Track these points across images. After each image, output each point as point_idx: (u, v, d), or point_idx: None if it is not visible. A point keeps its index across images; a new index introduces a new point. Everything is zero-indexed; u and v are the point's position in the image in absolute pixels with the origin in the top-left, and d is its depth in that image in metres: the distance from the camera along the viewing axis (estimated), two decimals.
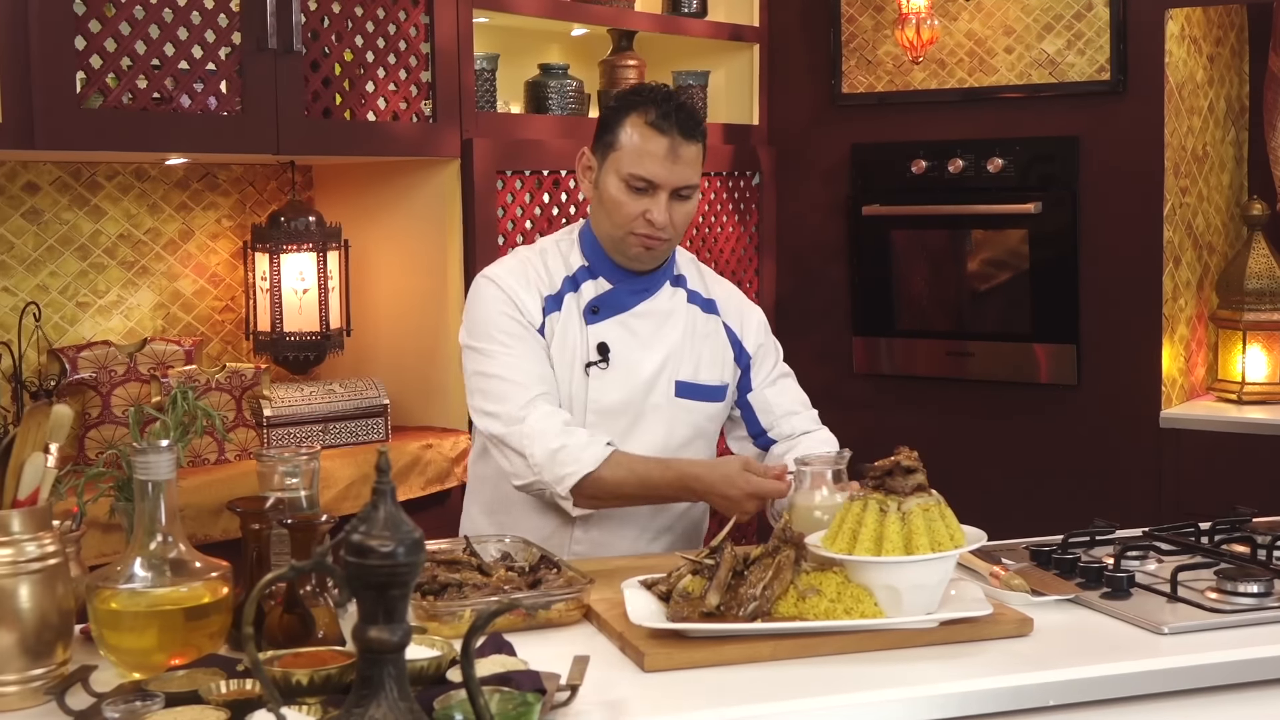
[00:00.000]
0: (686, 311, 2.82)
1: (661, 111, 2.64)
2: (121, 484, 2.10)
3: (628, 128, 2.66)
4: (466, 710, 1.54)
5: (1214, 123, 4.49)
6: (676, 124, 2.64)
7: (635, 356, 2.74)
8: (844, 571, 2.10)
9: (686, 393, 2.78)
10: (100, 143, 3.10)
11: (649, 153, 2.64)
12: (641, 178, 2.64)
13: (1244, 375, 4.35)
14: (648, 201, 2.65)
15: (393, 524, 1.37)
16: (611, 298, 2.76)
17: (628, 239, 2.69)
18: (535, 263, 2.78)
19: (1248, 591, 2.22)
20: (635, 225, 2.66)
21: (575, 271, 2.77)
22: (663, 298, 2.80)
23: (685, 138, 2.65)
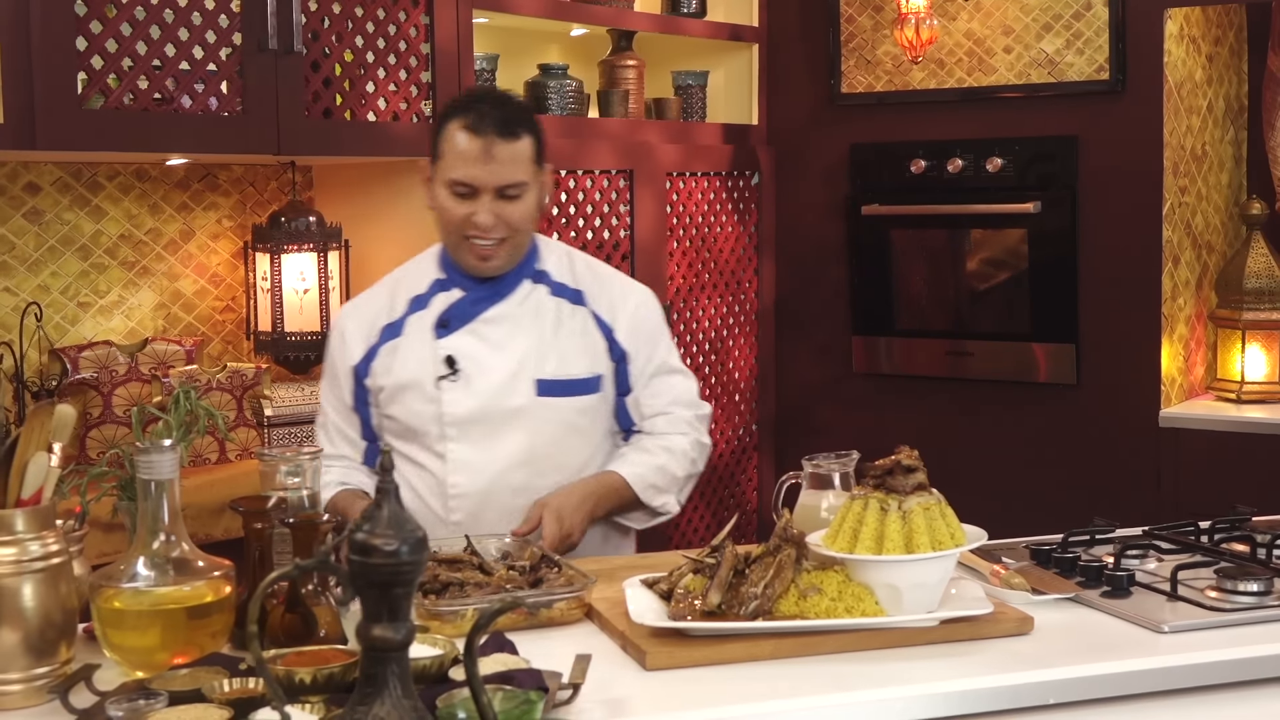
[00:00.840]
0: (550, 306, 2.77)
1: (478, 114, 2.62)
2: (124, 483, 2.10)
3: (447, 134, 2.65)
4: (470, 708, 1.54)
5: (1213, 122, 4.49)
6: (491, 124, 2.61)
7: (487, 363, 2.71)
8: (845, 570, 2.11)
9: (550, 390, 2.73)
10: (101, 143, 3.10)
11: (464, 156, 2.62)
12: (461, 182, 2.63)
13: (1243, 374, 4.35)
14: (472, 205, 2.63)
15: (396, 523, 1.37)
16: (459, 308, 2.74)
17: (461, 245, 2.68)
18: (381, 294, 2.81)
19: (1247, 590, 2.22)
20: (464, 229, 2.65)
21: (428, 288, 2.76)
22: (516, 299, 2.75)
23: (501, 137, 2.61)
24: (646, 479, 2.73)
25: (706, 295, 4.58)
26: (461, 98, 2.74)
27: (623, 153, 4.23)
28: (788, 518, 2.20)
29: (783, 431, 4.86)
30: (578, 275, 2.82)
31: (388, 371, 2.73)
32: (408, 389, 2.72)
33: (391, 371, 2.72)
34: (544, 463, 2.73)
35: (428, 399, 2.70)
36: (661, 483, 2.75)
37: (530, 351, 2.72)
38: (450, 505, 2.71)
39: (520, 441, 2.71)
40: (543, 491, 2.69)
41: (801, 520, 2.36)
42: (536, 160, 2.68)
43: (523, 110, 2.71)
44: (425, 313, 2.75)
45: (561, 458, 2.75)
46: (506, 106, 2.67)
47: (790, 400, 4.86)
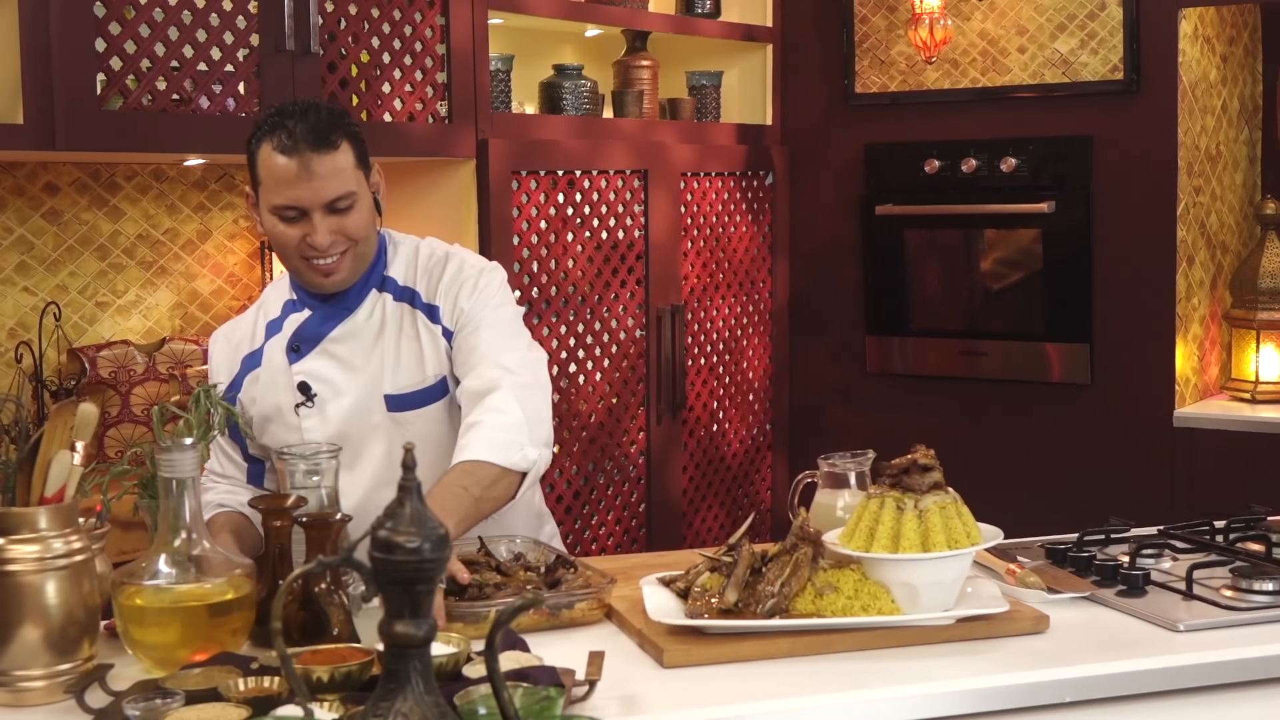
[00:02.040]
0: (393, 314, 2.61)
1: (285, 131, 2.43)
2: (145, 482, 2.12)
3: (261, 158, 2.47)
4: (490, 705, 1.55)
5: (1227, 122, 4.49)
6: (302, 140, 2.42)
7: (338, 386, 2.58)
8: (861, 569, 2.12)
9: (400, 405, 2.58)
10: (120, 144, 3.12)
11: (283, 179, 2.43)
12: (286, 206, 2.46)
13: (1257, 374, 4.35)
14: (304, 226, 2.46)
15: (419, 520, 1.38)
16: (307, 329, 2.60)
17: (302, 267, 2.52)
18: (247, 321, 2.68)
19: (1263, 589, 2.22)
20: (302, 251, 2.49)
21: (280, 311, 2.64)
22: (363, 313, 2.60)
23: (317, 150, 2.42)
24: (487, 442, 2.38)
25: (721, 295, 4.59)
26: (267, 117, 2.51)
27: (637, 153, 4.24)
28: (804, 516, 2.21)
29: (797, 431, 4.87)
30: (418, 274, 2.65)
31: (252, 402, 2.61)
32: (271, 420, 2.60)
33: (256, 402, 2.60)
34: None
35: (290, 428, 2.58)
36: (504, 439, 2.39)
37: (380, 367, 2.59)
38: None
39: (380, 460, 2.59)
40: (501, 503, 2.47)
41: (817, 519, 2.37)
42: (360, 164, 2.51)
43: (333, 117, 2.49)
44: (280, 337, 2.61)
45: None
46: (314, 117, 2.46)
47: (804, 400, 4.87)
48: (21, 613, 1.85)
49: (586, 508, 4.17)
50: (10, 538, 1.85)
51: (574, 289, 4.08)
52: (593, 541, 4.19)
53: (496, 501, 2.38)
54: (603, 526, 4.22)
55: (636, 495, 4.32)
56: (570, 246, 4.06)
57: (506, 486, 2.38)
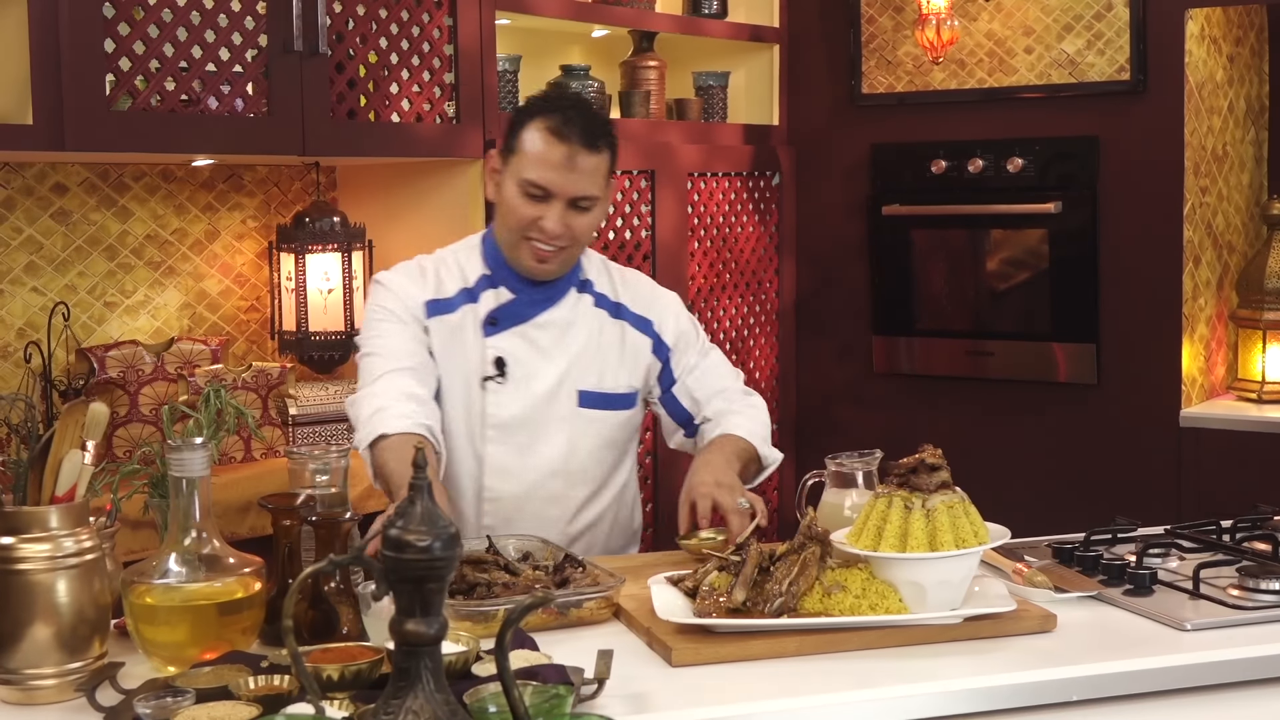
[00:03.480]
0: (593, 317, 2.75)
1: (564, 119, 2.58)
2: (156, 481, 2.13)
3: (529, 133, 2.60)
4: (500, 703, 1.56)
5: (1234, 122, 4.49)
6: (578, 132, 2.57)
7: (534, 369, 2.68)
8: (869, 568, 2.12)
9: (591, 402, 2.72)
10: (129, 144, 3.13)
11: (546, 160, 2.57)
12: (537, 184, 2.58)
13: (1264, 374, 4.36)
14: (542, 208, 2.59)
15: (429, 519, 1.39)
16: (512, 308, 2.69)
17: (520, 245, 2.63)
18: (429, 268, 2.74)
19: (1270, 589, 2.23)
20: (528, 231, 2.60)
21: (474, 283, 2.71)
22: (566, 306, 2.73)
23: (586, 147, 2.58)
24: (757, 433, 2.74)
25: (727, 295, 4.60)
26: (546, 99, 2.68)
27: (644, 153, 4.25)
28: (812, 515, 2.21)
29: (803, 431, 4.87)
30: (616, 287, 2.80)
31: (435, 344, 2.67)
32: (451, 386, 2.67)
33: (442, 351, 2.67)
34: (577, 474, 2.73)
35: (471, 398, 2.67)
36: (764, 434, 2.77)
37: (576, 361, 2.71)
38: (484, 509, 2.69)
39: (559, 450, 2.70)
40: (573, 502, 2.71)
41: (825, 518, 2.38)
42: (609, 174, 2.66)
43: (605, 123, 2.66)
44: (474, 306, 2.69)
45: (594, 470, 2.75)
46: (591, 116, 2.62)
47: (811, 400, 4.87)
48: (33, 611, 1.86)
49: None
50: (21, 536, 1.86)
51: None
52: None
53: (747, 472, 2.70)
54: None
55: (643, 494, 4.32)
56: None
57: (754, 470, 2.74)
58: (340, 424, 3.65)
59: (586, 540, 2.77)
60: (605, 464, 2.77)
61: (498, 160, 2.68)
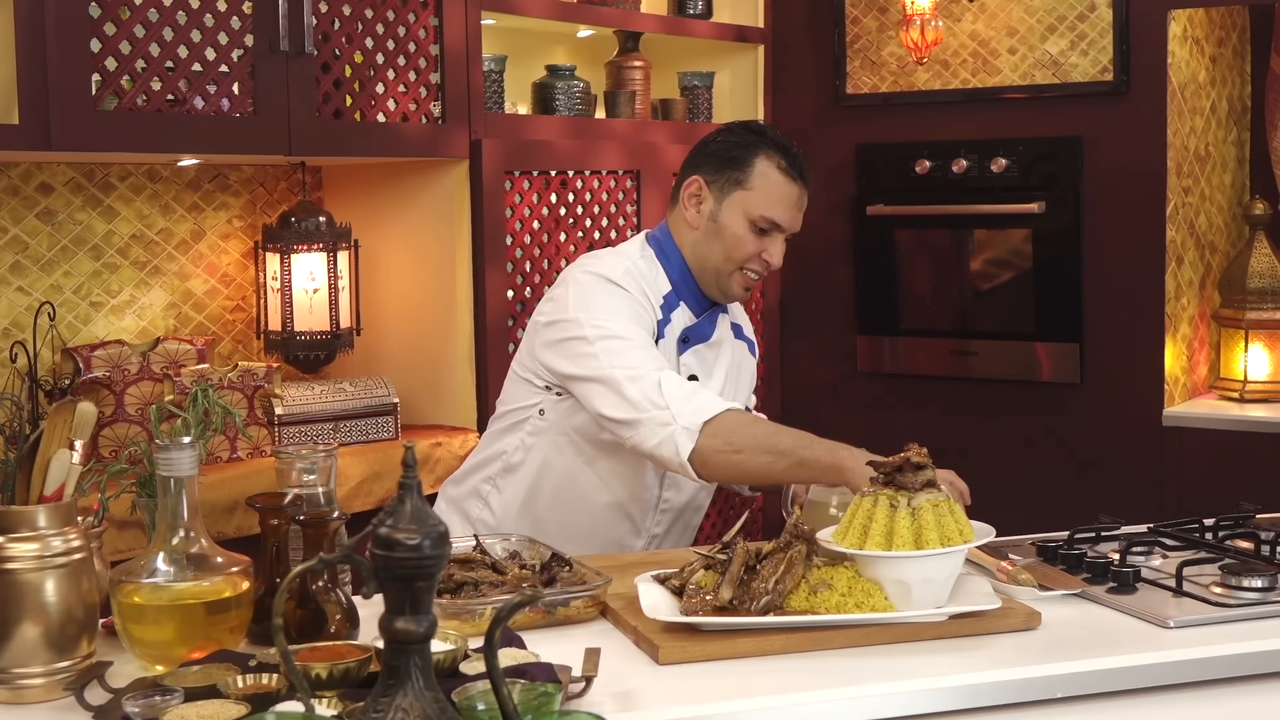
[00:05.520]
0: (730, 337, 2.91)
1: (791, 160, 2.76)
2: (143, 480, 2.13)
3: (760, 169, 2.74)
4: (489, 701, 1.57)
5: (1216, 123, 4.52)
6: (801, 173, 2.77)
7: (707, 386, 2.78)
8: (855, 566, 2.13)
9: None
10: (115, 144, 3.12)
11: (781, 199, 2.74)
12: (772, 221, 2.73)
13: (1246, 374, 4.38)
14: (767, 242, 2.74)
15: (419, 517, 1.40)
16: (699, 329, 2.83)
17: (735, 275, 2.76)
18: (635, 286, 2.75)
19: (1252, 586, 2.24)
20: (750, 264, 2.74)
21: (664, 299, 2.79)
22: (721, 326, 2.89)
23: (806, 187, 2.80)
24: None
25: None
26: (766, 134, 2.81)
27: (629, 153, 4.25)
28: (798, 514, 2.23)
29: None
30: (733, 309, 2.95)
31: None
32: None
33: None
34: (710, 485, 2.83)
35: None
36: None
37: (721, 378, 2.85)
38: (656, 518, 2.81)
39: None
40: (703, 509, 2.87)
41: (811, 517, 2.39)
42: None
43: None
44: (671, 326, 2.80)
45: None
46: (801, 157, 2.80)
47: (795, 399, 4.88)
48: (21, 611, 1.86)
49: None
50: (9, 536, 1.87)
51: None
52: None
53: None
54: None
55: None
56: (563, 246, 4.07)
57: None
58: (326, 423, 3.66)
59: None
60: None
61: (705, 189, 2.78)
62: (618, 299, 2.70)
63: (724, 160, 2.76)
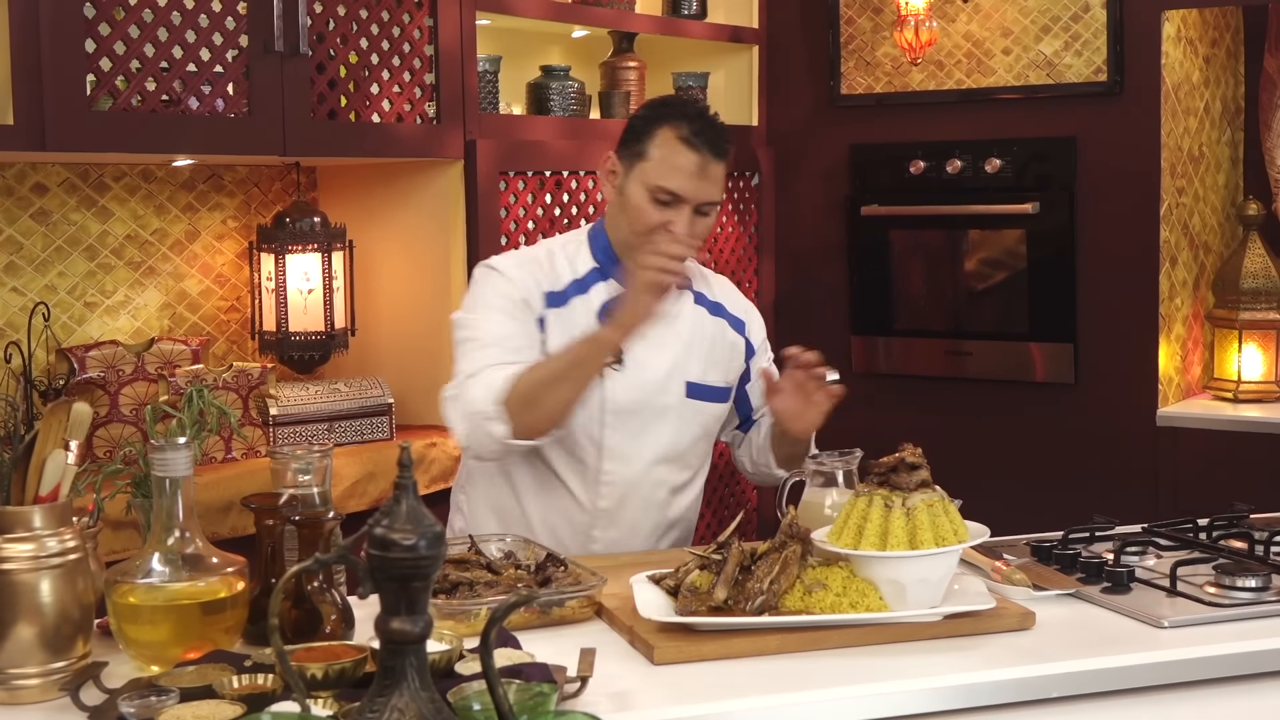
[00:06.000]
0: (694, 313, 2.85)
1: (695, 128, 2.66)
2: (139, 480, 2.13)
3: (659, 139, 2.67)
4: (484, 701, 1.57)
5: (1210, 123, 4.52)
6: (707, 140, 2.66)
7: (647, 358, 2.75)
8: (849, 566, 2.14)
9: (696, 393, 2.80)
10: (110, 144, 3.12)
11: (678, 167, 2.65)
12: (668, 191, 2.66)
13: (1240, 374, 4.38)
14: (671, 214, 2.67)
15: (415, 518, 1.40)
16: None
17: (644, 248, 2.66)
18: (541, 259, 2.81)
19: (1246, 586, 2.25)
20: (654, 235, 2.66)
21: (584, 275, 2.78)
22: (670, 300, 2.77)
23: (715, 156, 2.68)
24: None
25: None
26: (672, 102, 2.77)
27: None
28: (793, 514, 2.23)
29: None
30: (712, 287, 2.91)
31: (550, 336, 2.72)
32: None
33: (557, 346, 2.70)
34: (680, 460, 2.82)
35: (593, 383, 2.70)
36: None
37: (682, 353, 2.79)
38: (601, 492, 2.76)
39: (668, 437, 2.78)
40: (676, 487, 2.81)
41: (805, 517, 2.39)
42: (726, 181, 2.77)
43: (727, 131, 2.76)
44: (585, 298, 2.76)
45: (692, 458, 2.85)
46: (717, 125, 2.72)
47: None
48: (16, 611, 1.86)
49: None
50: (5, 536, 1.87)
51: None
52: None
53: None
54: None
55: None
56: None
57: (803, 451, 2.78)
58: (320, 424, 3.66)
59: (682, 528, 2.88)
60: (700, 454, 2.87)
61: (616, 163, 2.75)
62: (488, 284, 2.75)
63: (631, 133, 2.73)
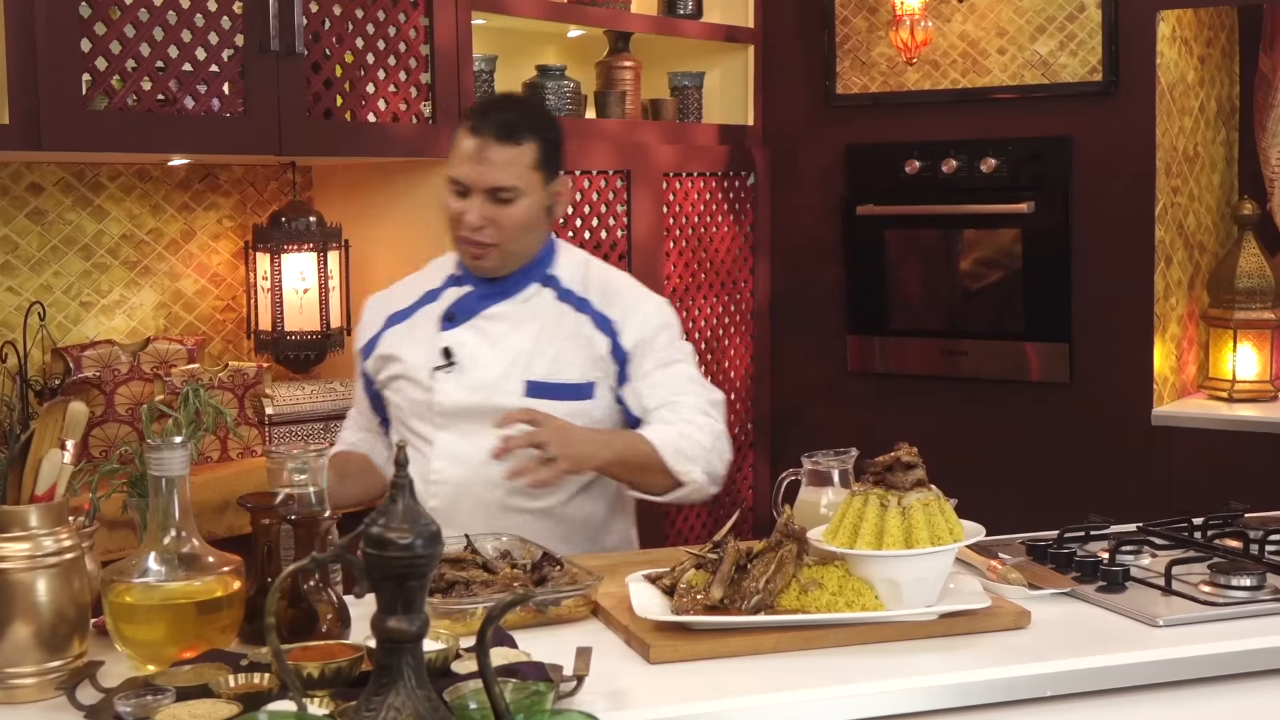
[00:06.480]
0: (553, 310, 2.77)
1: (479, 114, 2.68)
2: (135, 480, 2.13)
3: (456, 134, 2.72)
4: (481, 700, 1.57)
5: (1205, 123, 4.53)
6: (490, 126, 2.65)
7: (482, 358, 2.73)
8: (845, 565, 2.14)
9: (539, 392, 2.72)
10: (106, 144, 3.12)
11: (461, 155, 2.67)
12: (455, 180, 2.68)
13: (1234, 374, 4.39)
14: (464, 204, 2.67)
15: (411, 516, 1.40)
16: (465, 302, 2.78)
17: (457, 243, 2.74)
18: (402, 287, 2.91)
19: (1240, 585, 2.25)
20: (457, 227, 2.70)
21: (442, 282, 2.83)
22: (520, 299, 2.77)
23: (498, 140, 2.64)
24: (671, 442, 2.64)
25: (703, 295, 4.61)
26: (478, 101, 2.77)
27: (620, 153, 4.26)
28: (789, 513, 2.23)
29: (778, 430, 4.89)
30: (587, 284, 2.81)
31: (389, 357, 2.80)
32: (404, 377, 2.78)
33: (392, 357, 2.80)
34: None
35: (422, 387, 2.76)
36: (687, 449, 2.65)
37: (525, 352, 2.74)
38: (430, 490, 2.74)
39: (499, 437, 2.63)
40: (520, 491, 2.65)
41: (801, 516, 2.39)
42: (539, 168, 2.69)
43: (532, 117, 2.72)
44: (435, 305, 2.81)
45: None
46: (513, 111, 2.70)
47: (785, 399, 4.89)
48: (12, 610, 1.86)
49: None
50: (1, 536, 1.87)
51: None
52: None
53: (642, 484, 2.68)
54: None
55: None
56: None
57: (660, 482, 2.66)
58: (316, 423, 3.66)
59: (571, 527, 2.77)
60: None
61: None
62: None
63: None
